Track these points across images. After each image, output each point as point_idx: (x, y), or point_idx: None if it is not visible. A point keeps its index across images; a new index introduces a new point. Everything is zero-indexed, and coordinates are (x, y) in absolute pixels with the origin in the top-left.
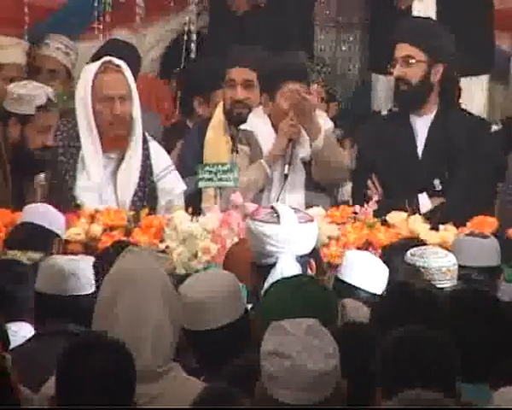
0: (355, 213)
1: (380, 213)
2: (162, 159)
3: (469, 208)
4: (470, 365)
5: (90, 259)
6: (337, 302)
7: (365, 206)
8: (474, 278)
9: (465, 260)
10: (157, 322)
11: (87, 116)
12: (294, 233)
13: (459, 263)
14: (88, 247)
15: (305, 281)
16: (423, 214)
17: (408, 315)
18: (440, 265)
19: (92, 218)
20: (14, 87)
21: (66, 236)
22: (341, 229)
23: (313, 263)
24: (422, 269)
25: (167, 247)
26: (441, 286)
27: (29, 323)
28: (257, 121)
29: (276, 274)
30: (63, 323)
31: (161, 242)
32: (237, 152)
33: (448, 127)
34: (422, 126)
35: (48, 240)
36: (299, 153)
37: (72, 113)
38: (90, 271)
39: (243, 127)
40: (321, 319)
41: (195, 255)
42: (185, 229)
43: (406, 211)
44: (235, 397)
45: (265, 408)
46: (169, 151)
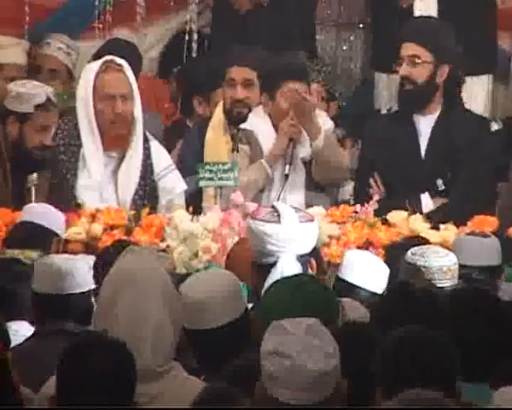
0: (355, 212)
1: (381, 212)
2: (163, 158)
3: (470, 208)
4: (470, 365)
5: (91, 258)
6: (338, 302)
7: (366, 205)
8: (475, 278)
9: (466, 259)
10: (157, 322)
11: (88, 115)
12: (295, 232)
13: (460, 262)
14: (88, 246)
15: (306, 280)
16: (425, 214)
17: (408, 315)
18: (441, 264)
19: (93, 217)
20: (13, 86)
21: (66, 235)
22: (342, 228)
23: (314, 262)
24: (423, 268)
25: (168, 246)
26: (442, 285)
27: (29, 322)
28: (257, 121)
29: (277, 273)
30: (61, 321)
31: (162, 241)
32: (237, 151)
33: (452, 127)
34: (426, 126)
35: (46, 239)
36: (299, 153)
37: (72, 112)
38: (86, 269)
39: (243, 127)
40: (321, 319)
41: (196, 255)
42: (186, 228)
43: (407, 210)
44: (235, 397)
45: (265, 408)
46: (169, 151)
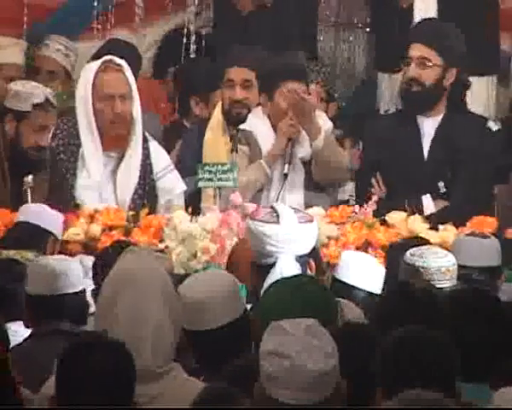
0: (354, 213)
1: (381, 213)
2: (162, 158)
3: (471, 209)
4: (470, 365)
5: (90, 259)
6: (337, 303)
7: (365, 206)
8: (475, 278)
9: (465, 260)
10: (157, 322)
11: (87, 115)
12: (294, 233)
13: (459, 263)
14: (87, 247)
15: (305, 281)
16: (426, 216)
17: (408, 315)
18: (440, 265)
19: (91, 218)
20: (13, 85)
21: (65, 236)
22: (341, 229)
23: (313, 263)
24: (422, 269)
25: (166, 247)
26: (441, 286)
27: (23, 323)
28: (256, 121)
29: (276, 274)
30: (56, 322)
31: (161, 242)
32: (237, 152)
33: (455, 130)
34: (429, 128)
35: (42, 239)
36: (298, 152)
37: (71, 112)
38: (79, 268)
39: (242, 127)
40: (321, 320)
41: (195, 255)
42: (184, 229)
43: (406, 211)
44: (235, 397)
45: (265, 408)
46: (168, 151)
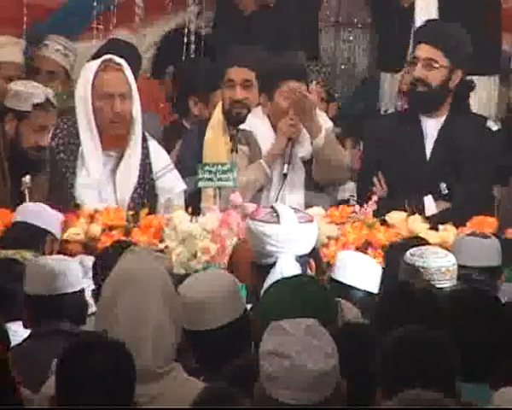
0: (355, 212)
1: (382, 212)
2: (162, 158)
3: (472, 210)
4: (470, 365)
5: (90, 259)
6: (337, 303)
7: (365, 206)
8: (475, 278)
9: (466, 259)
10: (157, 322)
11: (87, 114)
12: (294, 233)
13: (460, 263)
14: (87, 247)
15: (305, 281)
16: (427, 217)
17: (408, 315)
18: (440, 265)
19: (91, 218)
20: (13, 85)
21: (65, 236)
22: (341, 229)
23: (313, 263)
24: (422, 269)
25: (167, 247)
26: (441, 286)
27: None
28: (256, 121)
29: (276, 274)
30: (56, 322)
31: (161, 242)
32: (237, 152)
33: (458, 132)
34: (432, 128)
35: (40, 239)
36: (298, 152)
37: (71, 112)
38: (78, 268)
39: (242, 127)
40: (321, 319)
41: (195, 255)
42: (185, 229)
43: (406, 211)
44: (235, 397)
45: (265, 408)
46: (168, 151)
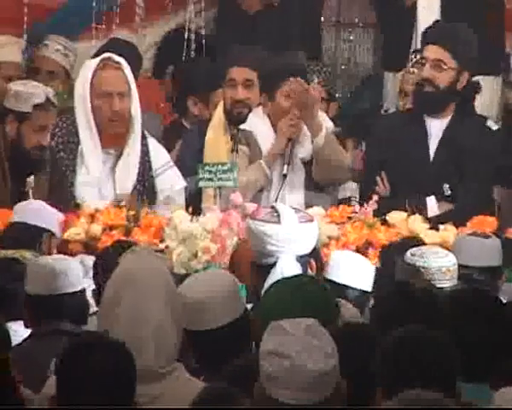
0: (355, 212)
1: (383, 212)
2: (161, 155)
3: (474, 211)
4: (470, 365)
5: (91, 258)
6: (337, 302)
7: (365, 205)
8: (475, 278)
9: (466, 259)
10: (158, 322)
11: (86, 113)
12: (295, 233)
13: (460, 263)
14: (88, 246)
15: (306, 281)
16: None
17: (408, 315)
18: (440, 265)
19: (92, 217)
20: (13, 85)
21: (66, 235)
22: (341, 229)
23: (313, 263)
24: (422, 269)
25: (167, 247)
26: (441, 286)
27: (23, 323)
28: (256, 121)
29: (277, 274)
30: (56, 322)
31: (161, 241)
32: (237, 152)
33: (463, 133)
34: (437, 129)
35: (37, 237)
36: (298, 153)
37: (71, 111)
38: (78, 268)
39: (242, 127)
40: (321, 319)
41: (195, 255)
42: (185, 229)
43: (407, 211)
44: (235, 397)
45: (265, 408)
46: (169, 151)
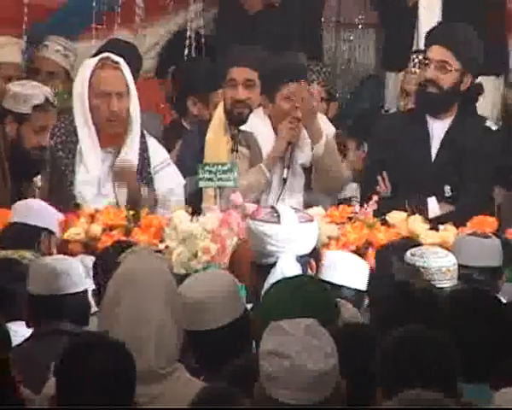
0: (355, 212)
1: (383, 212)
2: (160, 153)
3: (475, 212)
4: (470, 365)
5: (91, 258)
6: (337, 302)
7: (365, 205)
8: (476, 278)
9: (466, 259)
10: (159, 322)
11: (84, 112)
12: (295, 233)
13: (460, 263)
14: (88, 247)
15: (306, 281)
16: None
17: (408, 315)
18: (440, 265)
19: (92, 217)
20: (12, 85)
21: (66, 236)
22: (341, 229)
23: (313, 263)
24: (422, 269)
25: (167, 247)
26: (441, 286)
27: (25, 323)
28: (257, 122)
29: (277, 274)
30: (57, 322)
31: (161, 241)
32: (237, 152)
33: (465, 135)
34: (439, 130)
35: (35, 237)
36: (298, 159)
37: (71, 111)
38: (81, 268)
39: (243, 128)
40: (321, 320)
41: (195, 255)
42: (185, 229)
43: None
44: (235, 397)
45: (265, 408)
46: (168, 151)
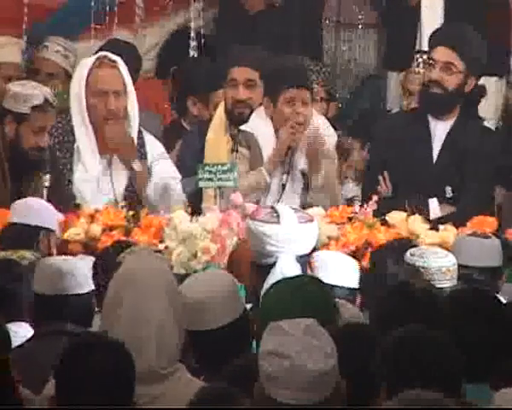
0: (355, 213)
1: (382, 213)
2: (156, 147)
3: (475, 213)
4: (470, 365)
5: (91, 259)
6: (337, 302)
7: (365, 206)
8: (476, 278)
9: (466, 260)
10: (159, 322)
11: (81, 111)
12: (294, 233)
13: (460, 263)
14: (88, 247)
15: (306, 281)
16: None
17: (408, 315)
18: (440, 265)
19: (92, 218)
20: (11, 85)
21: (65, 236)
22: (341, 229)
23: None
24: (422, 269)
25: (167, 247)
26: (441, 286)
27: (29, 323)
28: (258, 122)
29: (276, 274)
30: (60, 322)
31: (161, 242)
32: (237, 152)
33: (467, 136)
34: (441, 131)
35: (34, 237)
36: (298, 164)
37: (69, 111)
38: (86, 269)
39: (244, 128)
40: (321, 320)
41: (195, 255)
42: (185, 229)
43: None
44: (235, 397)
45: (265, 408)
46: (168, 151)
